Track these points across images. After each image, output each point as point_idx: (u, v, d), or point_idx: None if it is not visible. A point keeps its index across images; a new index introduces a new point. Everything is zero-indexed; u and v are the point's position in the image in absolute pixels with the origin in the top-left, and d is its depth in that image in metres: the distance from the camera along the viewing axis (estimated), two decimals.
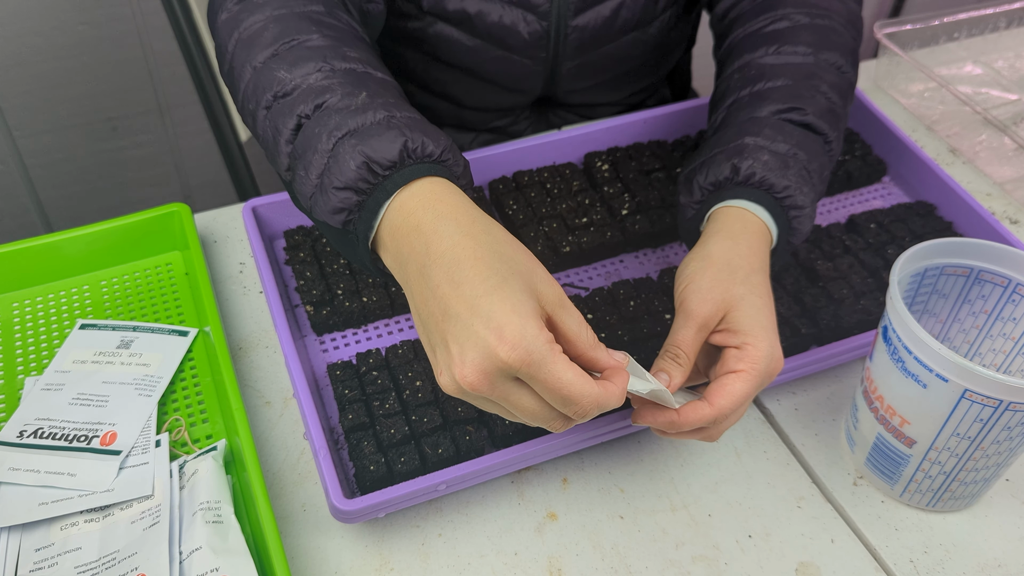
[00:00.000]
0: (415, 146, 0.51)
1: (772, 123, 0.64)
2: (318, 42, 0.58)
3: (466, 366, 0.45)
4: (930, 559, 0.60)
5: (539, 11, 0.79)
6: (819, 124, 0.64)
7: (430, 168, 0.52)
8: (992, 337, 0.63)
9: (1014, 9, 1.07)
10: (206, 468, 0.59)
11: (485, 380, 0.45)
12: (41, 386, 0.65)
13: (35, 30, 1.23)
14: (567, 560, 0.59)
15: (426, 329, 0.49)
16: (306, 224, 0.76)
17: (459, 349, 0.46)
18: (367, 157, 0.51)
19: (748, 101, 0.67)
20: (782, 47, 0.69)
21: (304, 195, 0.54)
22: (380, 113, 0.53)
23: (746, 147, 0.62)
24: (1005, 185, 0.89)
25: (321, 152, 0.52)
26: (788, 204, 0.61)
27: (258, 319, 0.72)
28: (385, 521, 0.61)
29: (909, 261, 0.59)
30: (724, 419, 0.54)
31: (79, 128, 1.36)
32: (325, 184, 0.52)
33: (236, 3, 0.62)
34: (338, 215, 0.52)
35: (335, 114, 0.53)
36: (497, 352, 0.44)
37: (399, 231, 0.50)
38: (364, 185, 0.51)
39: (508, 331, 0.44)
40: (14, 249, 0.71)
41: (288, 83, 0.56)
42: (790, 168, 0.61)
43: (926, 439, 0.57)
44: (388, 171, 0.51)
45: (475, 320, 0.45)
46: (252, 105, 0.58)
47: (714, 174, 0.62)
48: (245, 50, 0.59)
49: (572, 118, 0.93)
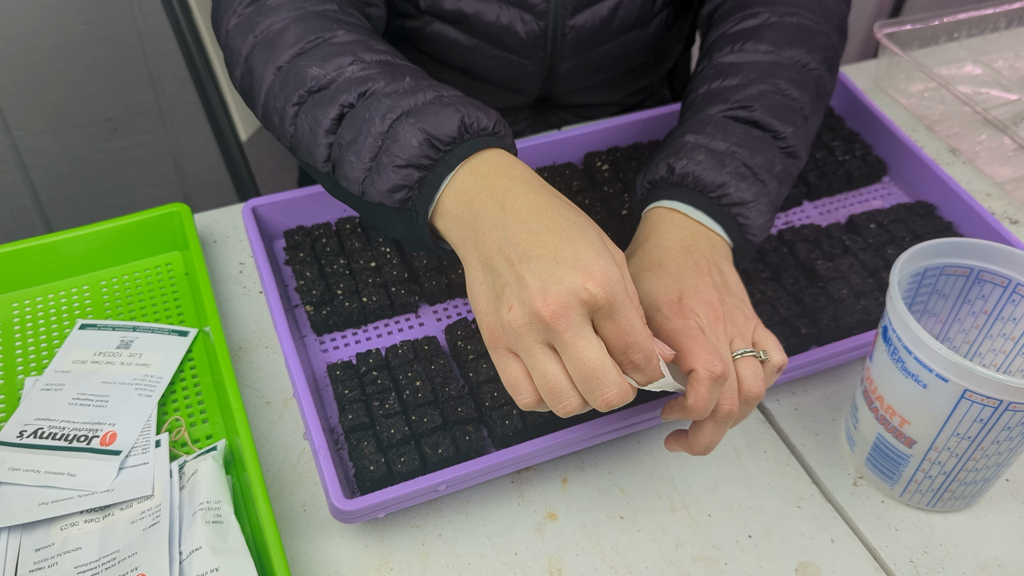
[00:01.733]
0: (471, 121, 0.53)
1: (716, 121, 0.64)
2: (344, 38, 0.59)
3: (549, 296, 0.46)
4: (930, 559, 0.60)
5: (536, 11, 0.79)
6: (767, 121, 0.64)
7: (487, 141, 0.53)
8: (992, 337, 0.63)
9: (1014, 9, 1.07)
10: (206, 468, 0.59)
11: (564, 313, 0.46)
12: (41, 386, 0.65)
13: (35, 30, 1.23)
14: (567, 560, 0.59)
15: (495, 273, 0.49)
16: (306, 224, 0.76)
17: (541, 284, 0.46)
18: (428, 134, 0.52)
19: (702, 100, 0.67)
20: (744, 44, 0.69)
21: (355, 180, 0.55)
22: (430, 93, 0.55)
23: (684, 146, 0.63)
24: (1005, 185, 0.89)
25: (375, 135, 0.54)
26: (726, 202, 0.61)
27: (258, 319, 0.72)
28: (385, 521, 0.61)
29: (909, 261, 0.59)
30: (720, 383, 0.53)
31: (79, 128, 1.36)
32: (383, 164, 0.53)
33: (246, 7, 0.62)
34: (397, 193, 0.53)
35: (384, 98, 0.55)
36: (586, 286, 0.46)
37: (468, 193, 0.51)
38: (426, 161, 0.52)
39: (596, 270, 0.46)
40: (14, 249, 0.71)
41: (323, 77, 0.57)
42: (726, 166, 0.61)
43: (926, 439, 0.57)
44: (449, 146, 0.52)
45: (559, 263, 0.46)
46: (280, 103, 0.59)
47: (652, 173, 0.63)
48: (266, 51, 0.60)
49: (571, 118, 0.93)
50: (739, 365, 0.55)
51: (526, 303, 0.47)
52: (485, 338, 0.50)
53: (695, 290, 0.56)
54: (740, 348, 0.56)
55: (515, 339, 0.48)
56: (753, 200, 0.61)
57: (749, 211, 0.61)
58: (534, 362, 0.48)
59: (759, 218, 0.61)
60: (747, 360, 0.55)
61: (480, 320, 0.50)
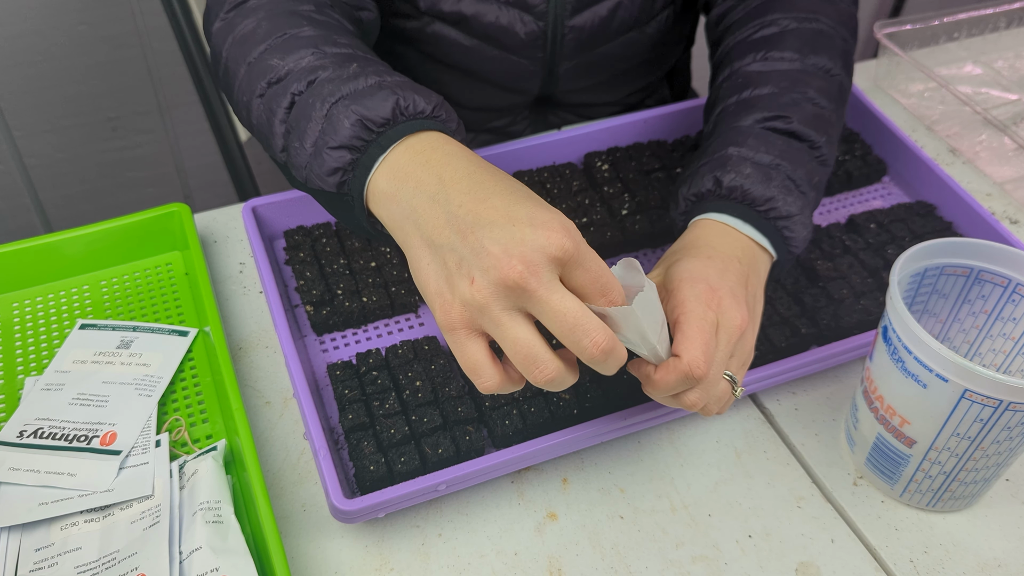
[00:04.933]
0: (407, 104, 0.53)
1: (756, 133, 0.64)
2: (309, 32, 0.60)
3: (514, 258, 0.45)
4: (930, 559, 0.60)
5: (536, 11, 0.79)
6: (804, 131, 0.65)
7: (423, 124, 0.53)
8: (992, 337, 0.63)
9: (1014, 9, 1.07)
10: (206, 468, 0.59)
11: (534, 271, 0.45)
12: (41, 386, 0.65)
13: (35, 30, 1.23)
14: (567, 560, 0.59)
15: (443, 248, 0.47)
16: (306, 224, 0.76)
17: (502, 248, 0.45)
18: (360, 116, 0.52)
19: (734, 110, 0.67)
20: (769, 53, 0.69)
21: (300, 166, 0.55)
22: (372, 79, 0.55)
23: (729, 159, 0.63)
24: (1005, 185, 0.89)
25: (315, 119, 0.54)
26: (773, 215, 0.61)
27: (258, 319, 0.72)
28: (385, 521, 0.61)
29: (909, 261, 0.59)
30: (700, 365, 0.52)
31: (79, 128, 1.36)
32: (319, 147, 0.53)
33: (229, 11, 0.64)
34: (332, 176, 0.53)
35: (327, 83, 0.55)
36: (551, 240, 0.45)
37: (403, 170, 0.51)
38: (358, 143, 0.52)
39: (554, 223, 0.46)
40: (14, 249, 0.71)
41: (281, 69, 0.58)
42: (772, 180, 0.61)
43: (926, 439, 0.57)
44: (382, 128, 0.52)
45: (516, 223, 0.46)
46: (246, 97, 0.60)
47: (697, 186, 0.63)
48: (239, 49, 0.61)
49: (571, 118, 0.93)
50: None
51: (489, 271, 0.45)
52: (440, 321, 0.48)
53: (733, 295, 0.56)
54: (731, 372, 0.56)
55: (479, 313, 0.46)
56: (799, 213, 0.61)
57: (794, 224, 0.61)
58: (503, 332, 0.46)
59: (803, 231, 0.62)
60: (725, 384, 0.56)
61: (432, 302, 0.48)
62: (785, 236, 0.62)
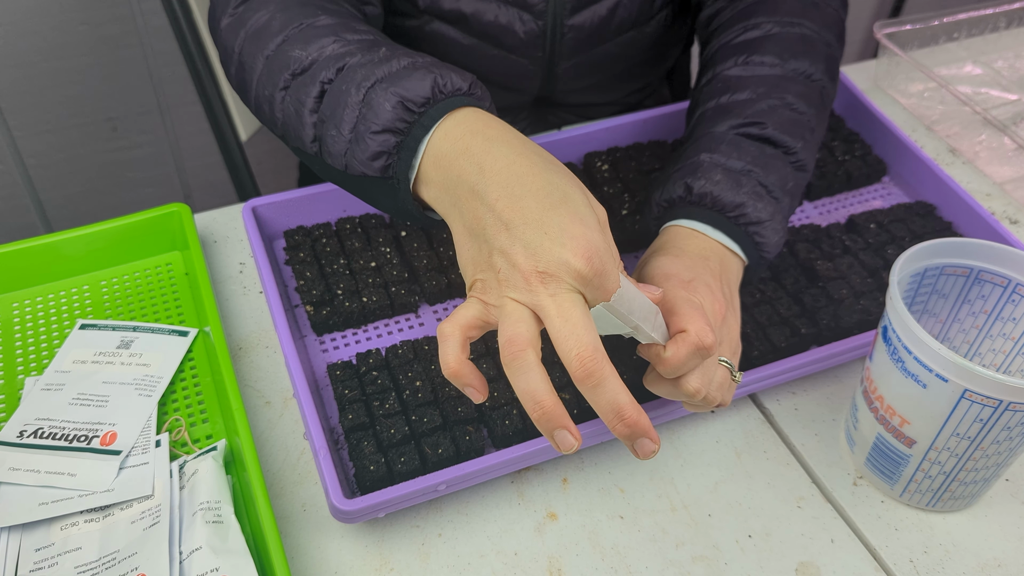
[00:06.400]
0: (444, 81, 0.53)
1: (729, 139, 0.65)
2: (326, 21, 0.60)
3: (539, 264, 0.46)
4: (930, 559, 0.60)
5: (535, 10, 0.79)
6: (779, 137, 0.65)
7: (462, 100, 0.53)
8: (992, 337, 0.63)
9: (1014, 9, 1.07)
10: (206, 468, 0.59)
11: (552, 282, 0.46)
12: (41, 386, 0.65)
13: (35, 30, 1.23)
14: (567, 560, 0.59)
15: (480, 239, 0.49)
16: (306, 224, 0.76)
17: (527, 254, 0.47)
18: (401, 97, 0.52)
19: (711, 115, 0.67)
20: (750, 57, 0.69)
21: (338, 154, 0.55)
22: (404, 60, 0.55)
23: (701, 165, 0.63)
24: (1005, 185, 0.89)
25: (352, 105, 0.54)
26: (743, 221, 0.61)
27: (258, 319, 0.73)
28: (385, 521, 0.61)
29: (909, 261, 0.59)
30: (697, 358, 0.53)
31: (79, 128, 1.36)
32: (361, 133, 0.53)
33: (237, 6, 0.64)
34: (377, 160, 0.53)
35: (359, 69, 0.55)
36: (572, 263, 0.46)
37: (446, 158, 0.51)
38: (401, 125, 0.52)
39: (581, 243, 0.46)
40: (14, 249, 0.71)
41: (304, 59, 0.57)
42: (743, 186, 0.62)
43: (926, 439, 0.57)
44: (423, 108, 0.52)
45: (545, 233, 0.46)
46: (268, 91, 0.59)
47: (669, 192, 0.64)
48: (254, 43, 0.61)
49: (571, 118, 0.93)
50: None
51: (514, 269, 0.47)
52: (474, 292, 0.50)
53: (707, 285, 0.57)
54: (724, 357, 0.56)
55: (497, 290, 0.48)
56: (769, 219, 0.62)
57: (765, 229, 0.62)
58: (504, 324, 0.48)
59: (774, 236, 0.62)
60: (723, 369, 0.56)
61: (467, 283, 0.51)
62: (756, 241, 0.62)
